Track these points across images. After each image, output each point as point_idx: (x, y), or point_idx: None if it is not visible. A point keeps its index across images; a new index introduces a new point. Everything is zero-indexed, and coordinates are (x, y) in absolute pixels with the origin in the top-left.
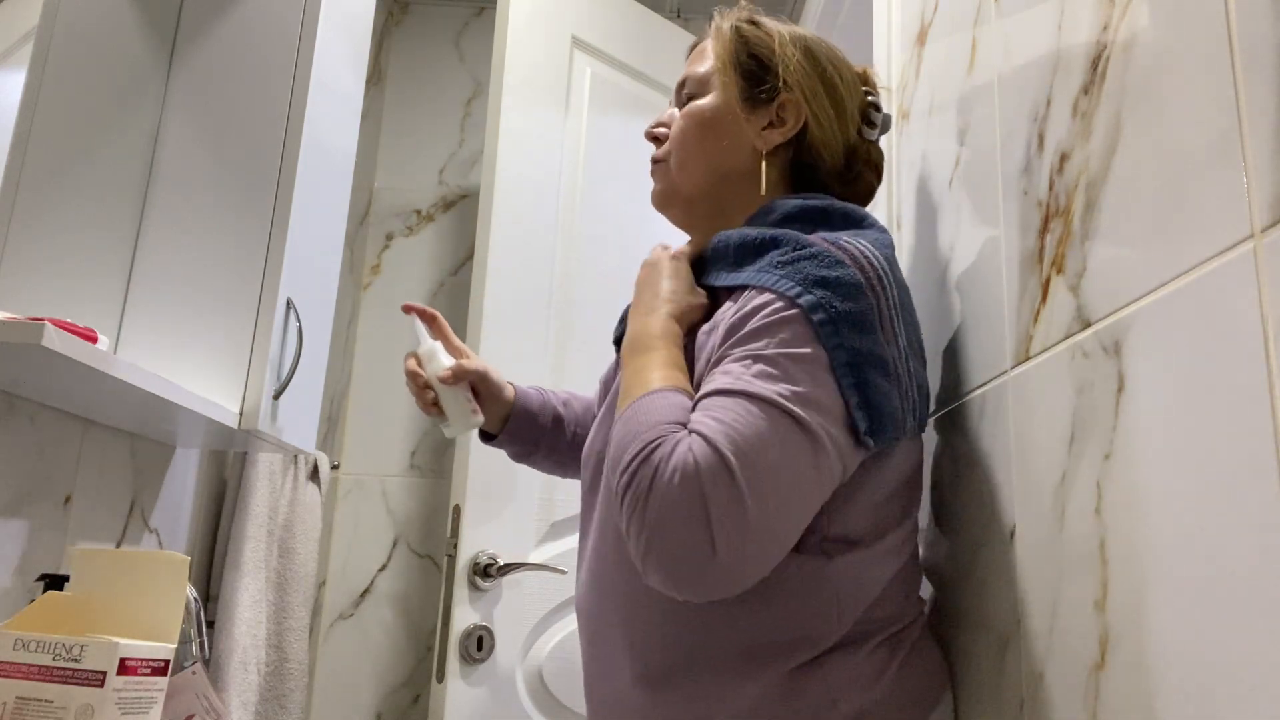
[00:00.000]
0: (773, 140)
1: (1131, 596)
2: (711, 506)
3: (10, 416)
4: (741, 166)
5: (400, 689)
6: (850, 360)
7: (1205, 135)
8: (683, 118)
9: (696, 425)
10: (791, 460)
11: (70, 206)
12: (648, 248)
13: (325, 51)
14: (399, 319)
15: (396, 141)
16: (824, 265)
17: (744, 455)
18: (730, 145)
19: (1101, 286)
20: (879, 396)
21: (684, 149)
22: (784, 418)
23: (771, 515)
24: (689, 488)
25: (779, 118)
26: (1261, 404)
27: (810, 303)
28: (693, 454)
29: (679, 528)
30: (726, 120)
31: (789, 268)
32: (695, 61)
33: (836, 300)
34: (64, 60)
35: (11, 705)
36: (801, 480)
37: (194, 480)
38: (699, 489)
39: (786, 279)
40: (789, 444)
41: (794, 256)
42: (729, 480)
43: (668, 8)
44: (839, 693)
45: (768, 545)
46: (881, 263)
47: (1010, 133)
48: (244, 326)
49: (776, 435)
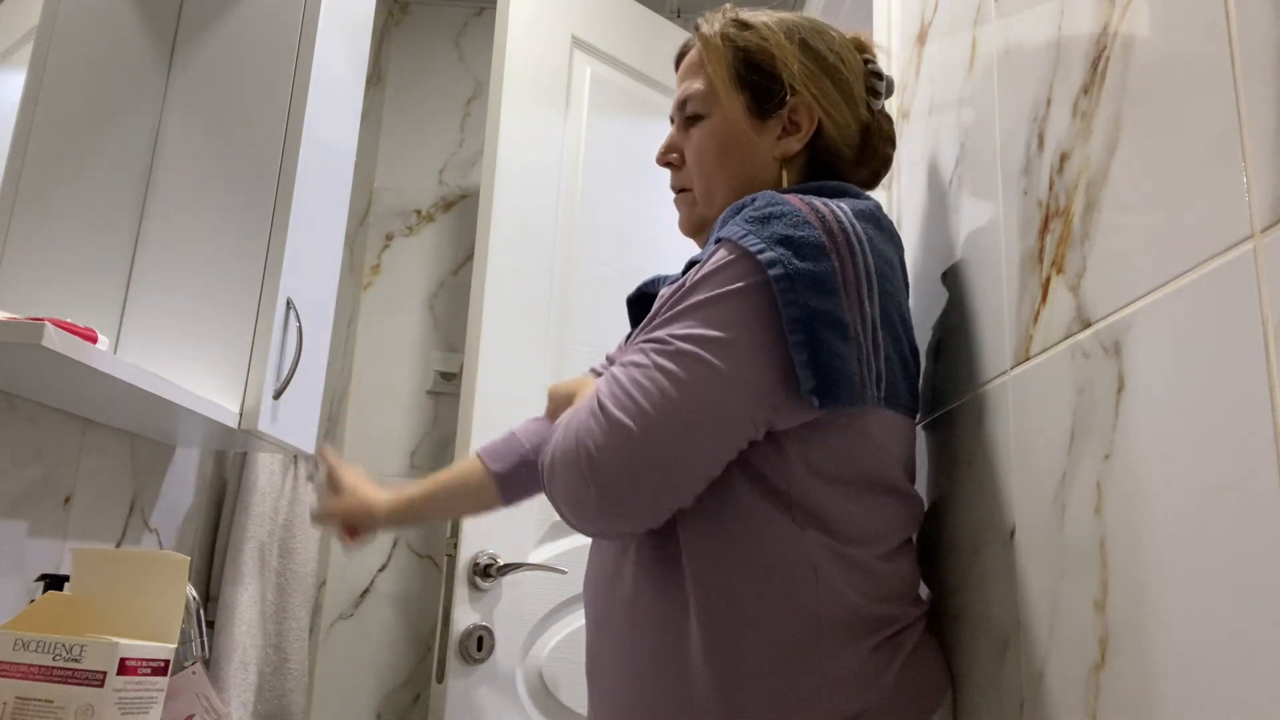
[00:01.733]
0: (791, 148)
1: (1131, 596)
2: (589, 445)
3: (10, 416)
4: (764, 177)
5: (400, 689)
6: (801, 317)
7: (1205, 135)
8: (696, 145)
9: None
10: (669, 389)
11: (70, 206)
12: (648, 247)
13: (325, 51)
14: (399, 319)
15: (396, 141)
16: (790, 224)
17: (616, 398)
18: (750, 161)
19: (1101, 286)
20: (830, 357)
21: (707, 177)
22: (678, 356)
23: (652, 439)
24: (571, 438)
25: (792, 123)
26: (1261, 404)
27: (769, 259)
28: (577, 418)
29: (568, 471)
30: (741, 139)
31: (757, 224)
32: (690, 75)
33: (796, 259)
34: (64, 60)
35: (11, 705)
36: (684, 407)
37: (194, 480)
38: (578, 437)
39: (753, 234)
40: (672, 377)
41: (765, 214)
42: (601, 422)
43: (668, 8)
44: (838, 692)
45: (653, 467)
46: (854, 228)
47: (1010, 133)
48: (244, 326)
49: (656, 371)
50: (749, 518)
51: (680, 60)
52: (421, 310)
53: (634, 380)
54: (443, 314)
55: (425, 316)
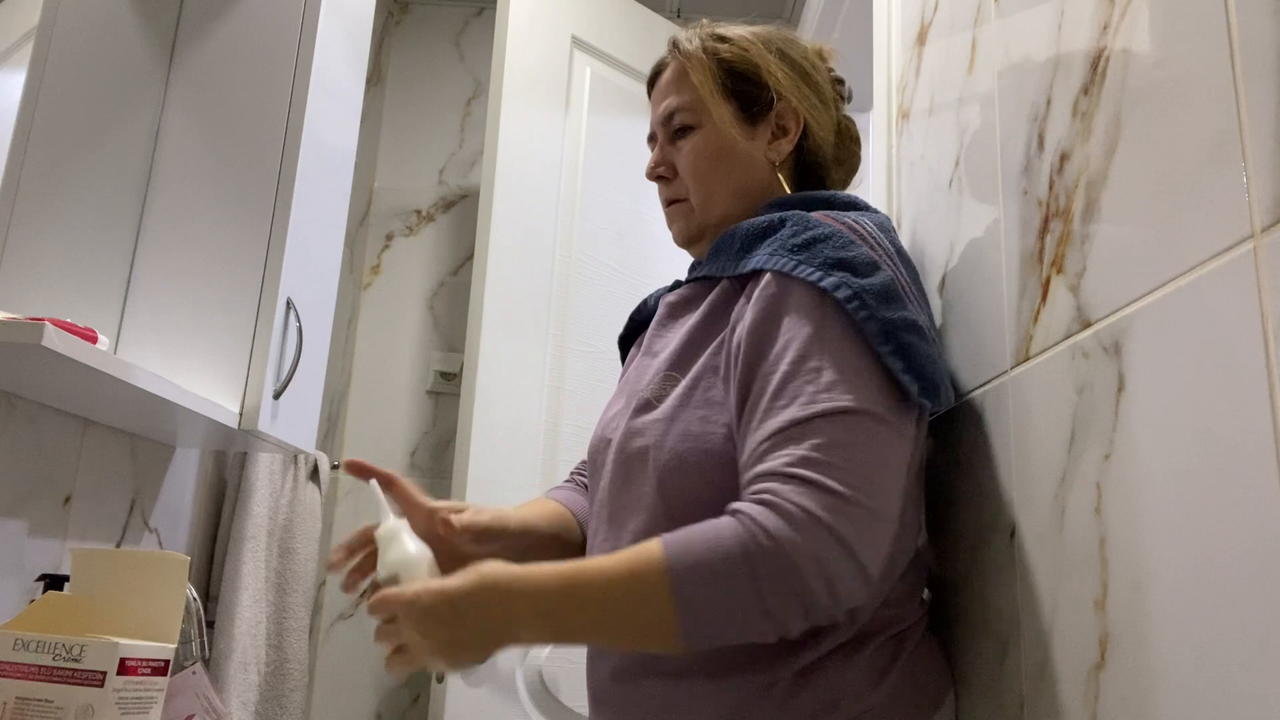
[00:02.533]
0: (783, 151)
1: (1131, 596)
2: (842, 533)
3: (10, 416)
4: (760, 182)
5: (400, 689)
6: (884, 330)
7: (1205, 135)
8: (690, 154)
9: (786, 468)
10: (869, 447)
11: (70, 207)
12: (647, 247)
13: (325, 51)
14: (399, 319)
15: (396, 141)
16: (839, 246)
17: (839, 469)
18: (744, 165)
19: (1101, 286)
20: (922, 359)
21: (704, 184)
22: (846, 417)
23: (879, 504)
24: (815, 530)
25: (780, 127)
26: (1261, 404)
27: (833, 284)
28: (794, 503)
29: (831, 564)
30: (734, 145)
31: (805, 251)
32: (673, 91)
33: (857, 278)
34: (64, 60)
35: (11, 705)
36: (885, 461)
37: (194, 480)
38: (823, 526)
39: (805, 264)
40: (862, 434)
41: (808, 239)
42: (843, 505)
43: (668, 8)
44: (841, 694)
45: (887, 531)
46: (887, 244)
47: (1010, 133)
48: (244, 326)
49: (851, 436)
50: None
51: (654, 80)
52: (421, 310)
53: (844, 448)
54: (443, 314)
55: (425, 316)
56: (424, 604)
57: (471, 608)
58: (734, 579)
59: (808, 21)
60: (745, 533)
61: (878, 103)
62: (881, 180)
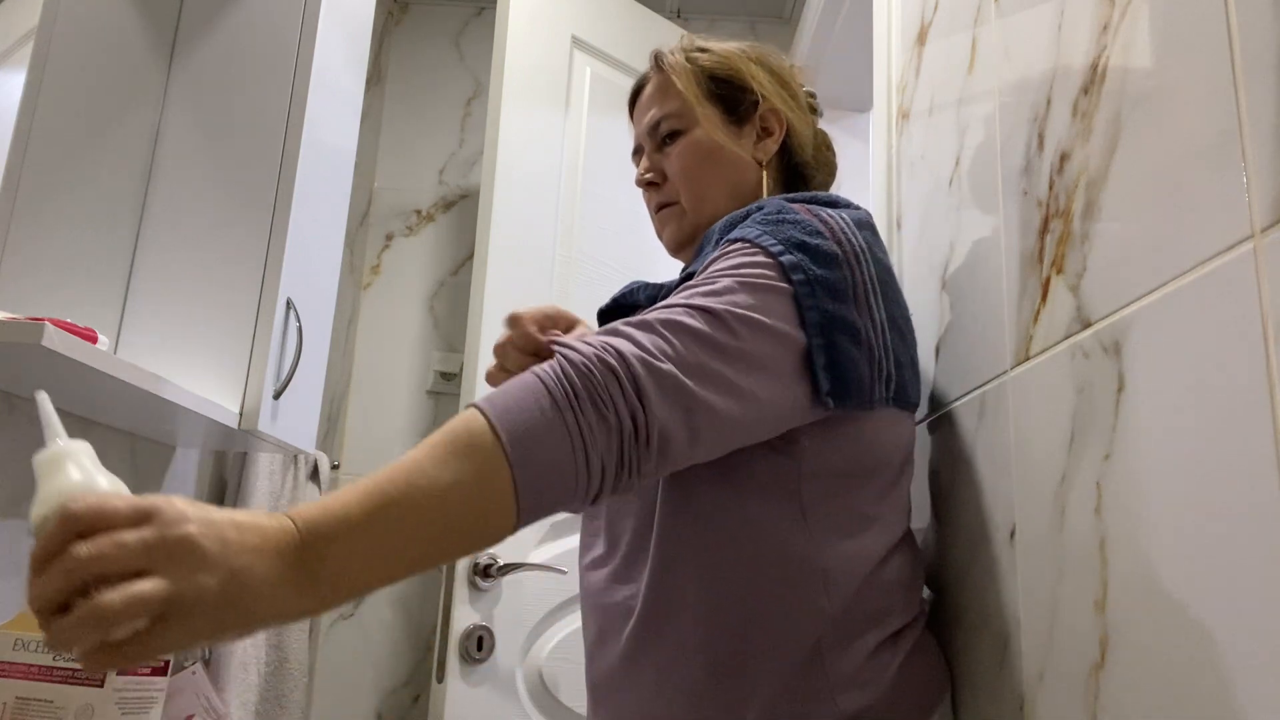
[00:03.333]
0: (770, 150)
1: (1131, 596)
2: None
3: (10, 416)
4: (750, 181)
5: (400, 689)
6: (821, 321)
7: (1205, 135)
8: (681, 156)
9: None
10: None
11: (70, 207)
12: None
13: (325, 51)
14: (399, 319)
15: (396, 141)
16: (805, 231)
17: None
18: (734, 165)
19: (1101, 286)
20: (845, 361)
21: (697, 184)
22: (729, 319)
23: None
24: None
25: (764, 129)
26: (1261, 404)
27: (790, 262)
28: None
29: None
30: (723, 146)
31: (772, 226)
32: (657, 103)
33: (813, 265)
34: (64, 60)
35: (11, 705)
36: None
37: (194, 480)
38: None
39: (769, 235)
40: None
41: (779, 218)
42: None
43: (668, 8)
44: (839, 691)
45: (709, 416)
46: (859, 240)
47: (1010, 133)
48: (244, 326)
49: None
50: (758, 524)
51: (635, 97)
52: (421, 310)
53: (680, 329)
54: (443, 314)
55: (425, 316)
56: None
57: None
58: (539, 398)
59: (808, 21)
60: (550, 368)
61: (878, 103)
62: (881, 180)
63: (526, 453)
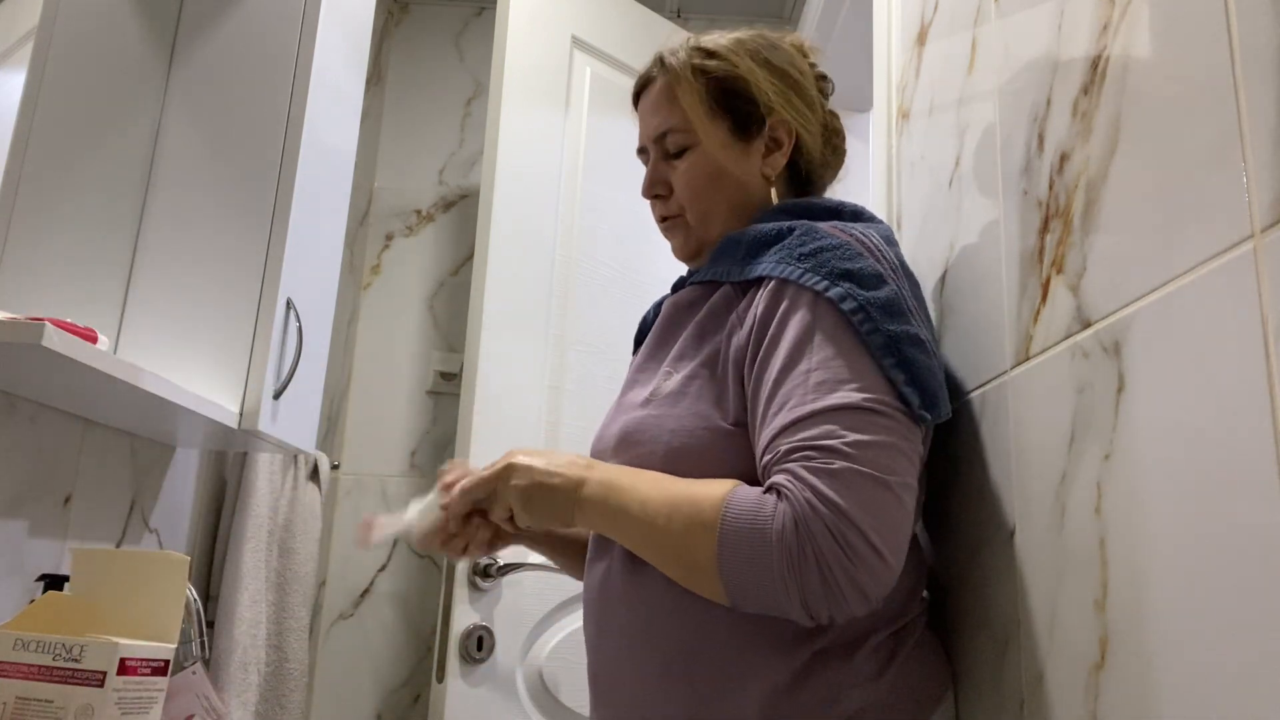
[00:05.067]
0: (778, 165)
1: (1131, 596)
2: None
3: (10, 416)
4: (756, 194)
5: (400, 689)
6: (888, 342)
7: (1205, 135)
8: (687, 175)
9: (799, 472)
10: (878, 433)
11: (70, 206)
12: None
13: (325, 51)
14: (399, 319)
15: (396, 141)
16: (845, 258)
17: (849, 455)
18: (741, 183)
19: (1101, 286)
20: (924, 373)
21: (702, 202)
22: (856, 410)
23: (891, 480)
24: (827, 516)
25: (773, 140)
26: (1261, 404)
27: (839, 294)
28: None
29: (846, 547)
30: (730, 164)
31: (811, 260)
32: (662, 111)
33: (862, 290)
34: (64, 60)
35: (11, 705)
36: (895, 446)
37: (194, 480)
38: (836, 510)
39: (811, 272)
40: (869, 423)
41: (815, 248)
42: (854, 483)
43: (668, 8)
44: (840, 690)
45: (900, 512)
46: (893, 257)
47: (1010, 133)
48: (244, 326)
49: (860, 423)
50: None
51: (640, 92)
52: (421, 310)
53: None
54: (443, 314)
55: (425, 316)
56: (534, 468)
57: (558, 454)
58: (761, 547)
59: (808, 21)
60: (776, 512)
61: (878, 103)
62: (881, 180)
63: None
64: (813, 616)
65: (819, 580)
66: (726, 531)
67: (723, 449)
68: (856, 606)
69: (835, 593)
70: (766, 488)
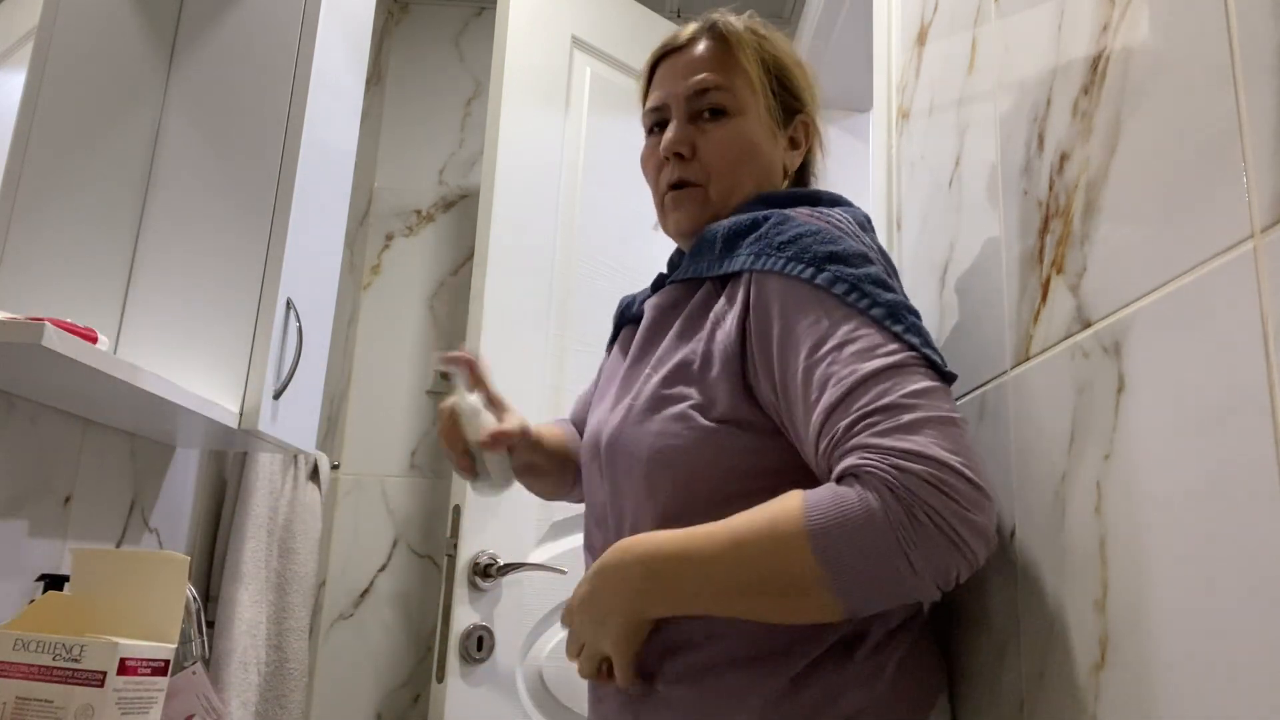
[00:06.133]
0: (795, 162)
1: (1131, 596)
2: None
3: (10, 416)
4: (773, 184)
5: (400, 689)
6: (891, 312)
7: (1205, 135)
8: (723, 141)
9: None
10: (935, 386)
11: (70, 206)
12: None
13: (325, 51)
14: (399, 319)
15: (396, 141)
16: (825, 241)
17: (901, 407)
18: (768, 166)
19: (1101, 286)
20: (928, 336)
21: (732, 175)
22: (905, 369)
23: (950, 416)
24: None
25: (793, 138)
26: (1261, 404)
27: (827, 279)
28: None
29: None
30: (765, 144)
31: (792, 247)
32: (713, 68)
33: (850, 269)
34: (64, 60)
35: (11, 705)
36: (949, 397)
37: (194, 480)
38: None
39: (794, 261)
40: (905, 376)
41: (793, 235)
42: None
43: (668, 8)
44: (838, 691)
45: (982, 460)
46: (869, 240)
47: (1010, 133)
48: (244, 326)
49: (897, 378)
50: None
51: (667, 55)
52: (421, 310)
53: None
54: (443, 314)
55: (425, 316)
56: (578, 593)
57: (599, 578)
58: (867, 532)
59: (808, 21)
60: (862, 496)
61: (877, 103)
62: (881, 180)
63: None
64: (942, 585)
65: (941, 538)
66: (820, 537)
67: (707, 448)
68: (981, 552)
69: (960, 545)
70: (837, 477)
